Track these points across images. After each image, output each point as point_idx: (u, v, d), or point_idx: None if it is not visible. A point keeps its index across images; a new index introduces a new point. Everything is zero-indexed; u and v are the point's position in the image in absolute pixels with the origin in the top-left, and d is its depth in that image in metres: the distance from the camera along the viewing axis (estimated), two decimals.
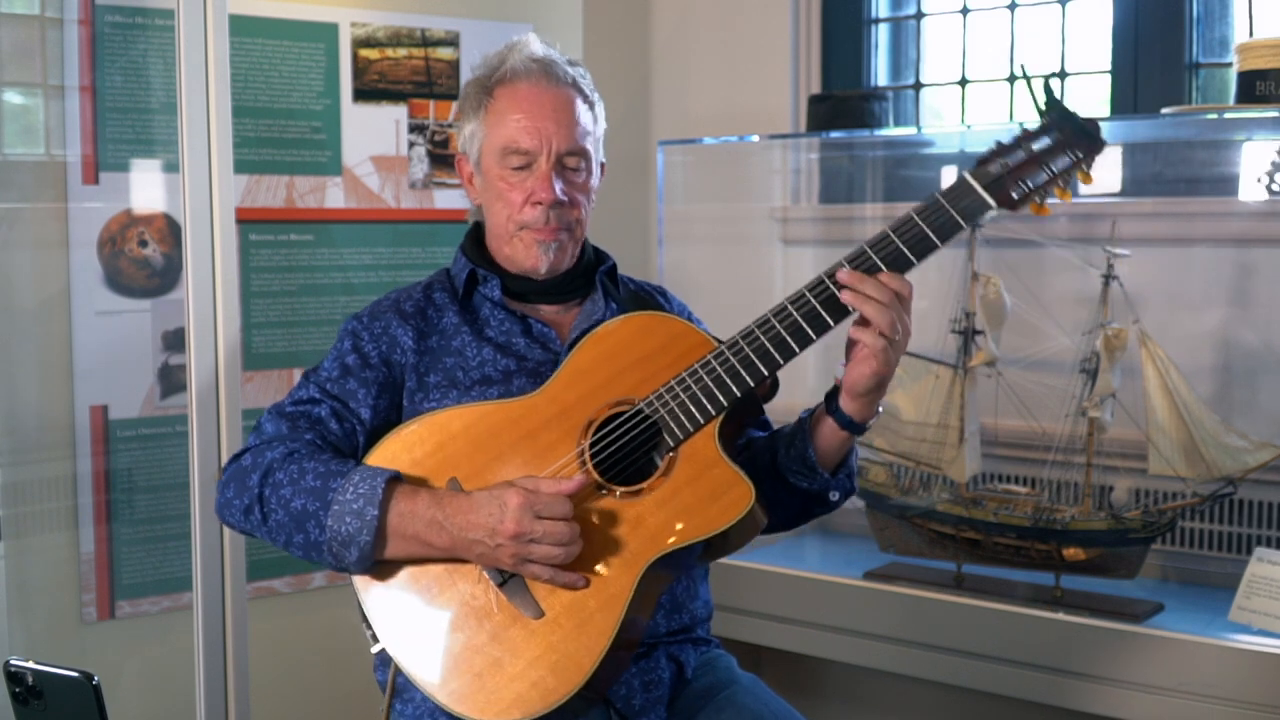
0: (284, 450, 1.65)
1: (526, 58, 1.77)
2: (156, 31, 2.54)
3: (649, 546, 1.58)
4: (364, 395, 1.72)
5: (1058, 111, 1.62)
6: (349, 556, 1.59)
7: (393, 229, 2.84)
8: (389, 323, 1.77)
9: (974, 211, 1.61)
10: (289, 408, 1.73)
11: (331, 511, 1.58)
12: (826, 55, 3.44)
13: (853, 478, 1.78)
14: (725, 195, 3.50)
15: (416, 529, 1.58)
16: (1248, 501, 2.68)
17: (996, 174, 1.61)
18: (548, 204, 1.73)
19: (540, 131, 1.73)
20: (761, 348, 1.62)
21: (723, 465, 1.60)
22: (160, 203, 2.60)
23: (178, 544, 2.57)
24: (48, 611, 2.53)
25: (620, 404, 1.64)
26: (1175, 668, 2.36)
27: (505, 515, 1.52)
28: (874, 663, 2.76)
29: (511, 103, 1.75)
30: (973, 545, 2.75)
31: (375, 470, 1.61)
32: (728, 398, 1.61)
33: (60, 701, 1.46)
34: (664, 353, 1.65)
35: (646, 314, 1.71)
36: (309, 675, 2.74)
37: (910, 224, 1.61)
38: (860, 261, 1.62)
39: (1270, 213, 2.68)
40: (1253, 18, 2.81)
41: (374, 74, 2.80)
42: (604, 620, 1.56)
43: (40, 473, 2.52)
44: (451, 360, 1.75)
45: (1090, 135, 1.60)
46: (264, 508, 1.63)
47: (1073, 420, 2.70)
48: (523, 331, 1.79)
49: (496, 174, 1.76)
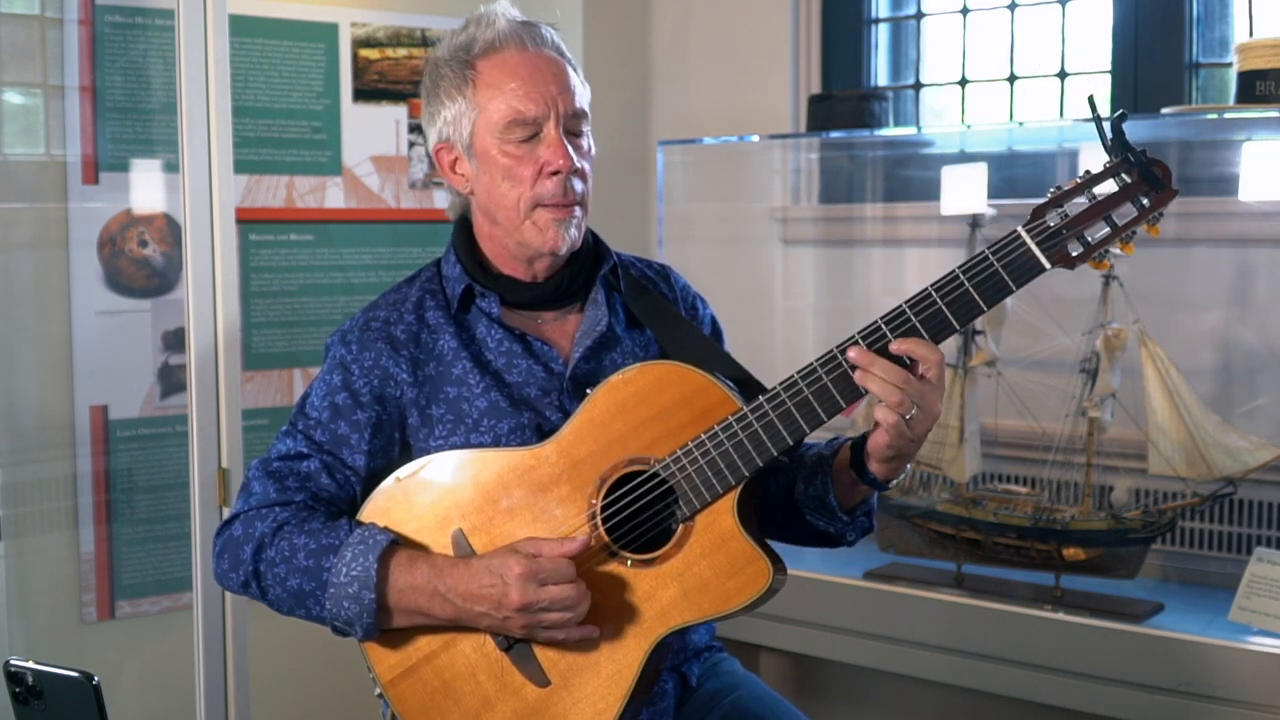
0: (273, 524, 1.59)
1: (505, 25, 1.65)
2: (156, 31, 2.54)
3: (659, 623, 1.53)
4: (356, 440, 1.64)
5: (1126, 152, 1.44)
6: (354, 633, 1.59)
7: (393, 229, 2.84)
8: (379, 354, 1.66)
9: (1025, 272, 1.44)
10: (275, 463, 1.65)
11: (329, 594, 1.55)
12: (826, 55, 3.44)
13: (871, 516, 1.68)
14: (725, 195, 3.50)
15: (418, 602, 1.54)
16: (1248, 501, 2.68)
17: (1054, 228, 1.44)
18: (566, 170, 1.61)
19: (543, 95, 1.61)
20: (787, 414, 1.51)
21: (741, 540, 1.52)
22: (160, 203, 2.60)
23: (178, 544, 2.57)
24: (48, 611, 2.53)
25: (635, 462, 1.56)
26: (1175, 668, 2.36)
27: (509, 587, 1.48)
28: (874, 663, 2.76)
29: (503, 72, 1.62)
30: (973, 545, 2.75)
31: (368, 541, 1.55)
32: (749, 468, 1.51)
33: (60, 701, 1.46)
34: (683, 409, 1.55)
35: (666, 364, 1.58)
36: (309, 675, 2.73)
37: (953, 284, 1.46)
38: (898, 323, 1.48)
39: (1270, 213, 2.68)
40: (1253, 18, 2.81)
41: (374, 74, 2.80)
42: (611, 694, 1.53)
43: (40, 473, 2.52)
44: (454, 391, 1.65)
45: (1160, 182, 1.43)
46: (260, 583, 1.60)
47: (1073, 420, 2.70)
48: (524, 352, 1.68)
49: (499, 151, 1.63)
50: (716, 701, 1.73)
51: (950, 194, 2.85)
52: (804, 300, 3.43)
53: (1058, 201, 1.45)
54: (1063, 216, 1.45)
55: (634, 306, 1.73)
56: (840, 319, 3.34)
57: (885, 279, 3.30)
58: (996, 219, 2.84)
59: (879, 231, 3.32)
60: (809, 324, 3.41)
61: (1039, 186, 3.08)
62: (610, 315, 1.72)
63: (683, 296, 1.83)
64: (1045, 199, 1.46)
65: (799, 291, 3.44)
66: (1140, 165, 1.43)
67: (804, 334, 3.41)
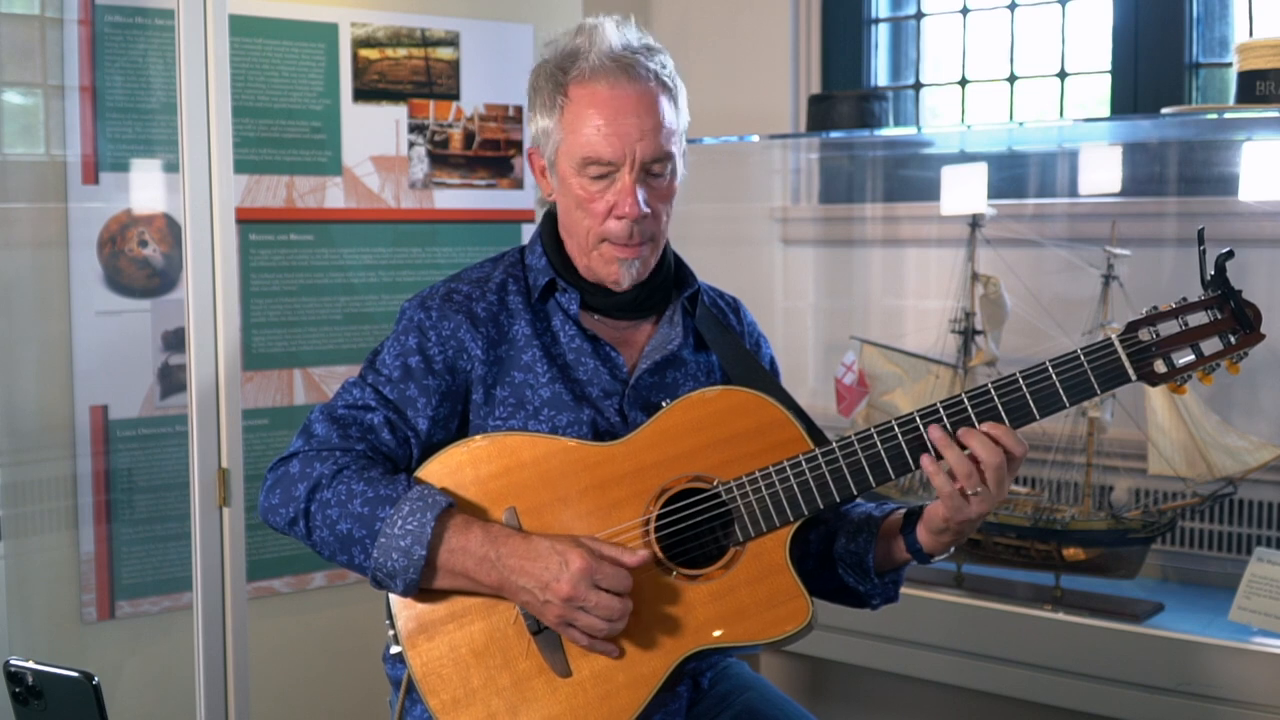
0: (333, 466, 1.59)
1: (605, 53, 1.62)
2: (156, 31, 2.54)
3: (691, 638, 1.54)
4: (423, 404, 1.65)
5: (1223, 288, 1.53)
6: (393, 587, 1.57)
7: (393, 229, 2.84)
8: (458, 326, 1.67)
9: (1112, 379, 1.52)
10: (341, 410, 1.65)
11: (378, 544, 1.54)
12: (826, 55, 3.44)
13: (899, 585, 1.70)
14: (725, 195, 3.50)
15: (466, 565, 1.53)
16: (1248, 501, 2.68)
17: (1145, 344, 1.52)
18: (632, 218, 1.62)
19: (623, 140, 1.60)
20: (857, 464, 1.55)
21: (787, 574, 1.55)
22: (160, 203, 2.60)
23: (178, 544, 2.57)
24: (48, 611, 2.53)
25: (699, 479, 1.59)
26: (1175, 668, 2.36)
27: (564, 575, 1.48)
28: (874, 663, 2.76)
29: (591, 105, 1.61)
30: (973, 545, 2.75)
31: (426, 499, 1.55)
32: (810, 507, 1.56)
33: (60, 701, 1.46)
34: (755, 438, 1.59)
35: (748, 393, 1.62)
36: (309, 675, 2.73)
37: (1042, 375, 1.52)
38: (981, 401, 1.53)
39: (1270, 213, 2.68)
40: (1253, 18, 2.81)
41: (374, 74, 2.80)
42: (630, 698, 1.54)
43: (40, 473, 2.52)
44: (520, 376, 1.66)
45: (1250, 324, 1.52)
46: (309, 523, 1.59)
47: (1073, 420, 2.70)
48: (593, 352, 1.69)
49: (575, 183, 1.64)
50: (728, 703, 1.73)
51: (950, 194, 2.85)
52: (804, 300, 3.43)
53: (1151, 321, 1.53)
54: (1154, 334, 1.53)
55: (705, 332, 1.76)
56: (840, 319, 3.34)
57: (885, 279, 3.30)
58: (996, 219, 2.84)
59: (879, 231, 3.32)
60: (809, 324, 3.41)
61: (1039, 186, 3.09)
62: (682, 337, 1.74)
63: (749, 332, 1.86)
64: (1141, 316, 1.53)
65: (799, 291, 3.44)
66: (1235, 304, 1.52)
67: (804, 334, 3.41)
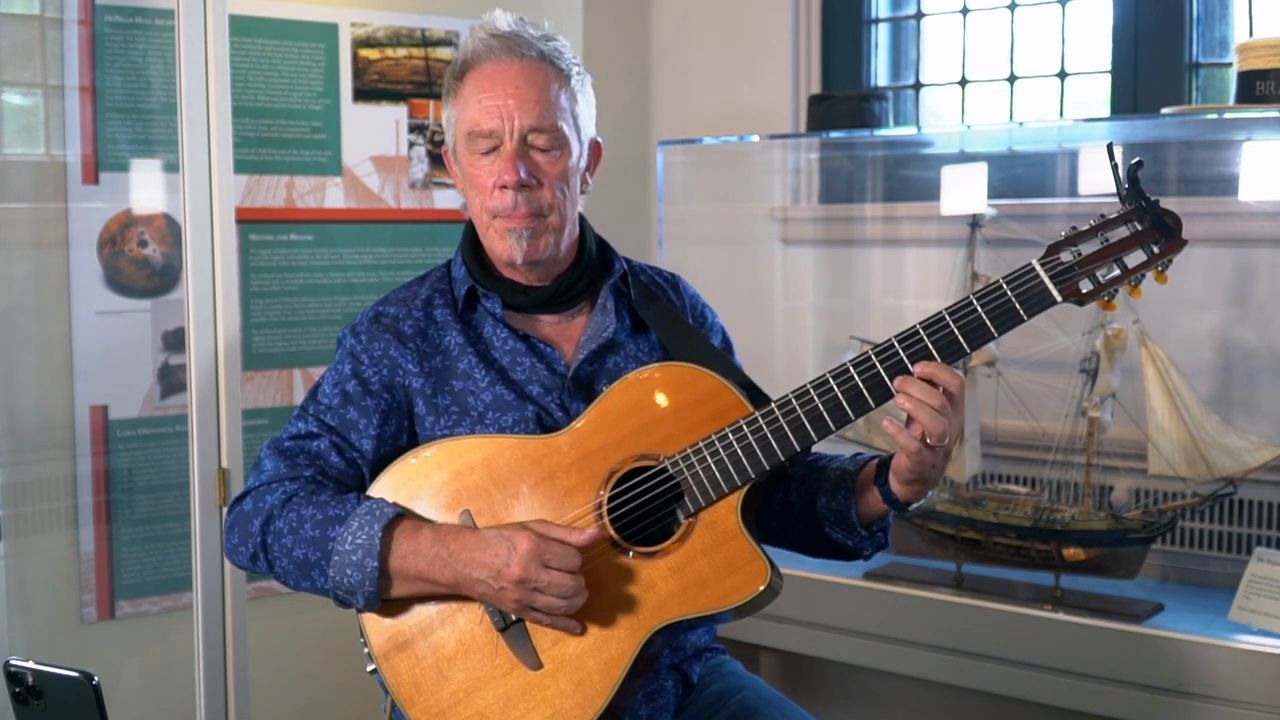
0: (282, 495, 1.62)
1: (488, 35, 1.67)
2: (156, 31, 2.54)
3: (655, 614, 1.55)
4: (365, 425, 1.68)
5: (1140, 200, 1.51)
6: (355, 603, 1.60)
7: (393, 229, 2.84)
8: (388, 345, 1.70)
9: (1037, 303, 1.50)
10: (287, 443, 1.69)
11: (333, 563, 1.57)
12: (826, 55, 3.44)
13: (887, 532, 1.71)
14: (725, 195, 3.50)
15: (420, 567, 1.55)
16: (1248, 501, 2.68)
17: (1066, 264, 1.50)
18: (512, 186, 1.63)
19: (501, 110, 1.64)
20: (797, 421, 1.55)
21: (741, 539, 1.55)
22: (160, 203, 2.60)
23: (178, 544, 2.57)
24: (48, 611, 2.53)
25: (645, 458, 1.59)
26: (1175, 668, 2.36)
27: (513, 559, 1.50)
28: (874, 663, 2.76)
29: (476, 84, 1.66)
30: (973, 545, 2.75)
31: (374, 512, 1.57)
32: (756, 470, 1.55)
33: (60, 701, 1.46)
34: (696, 409, 1.59)
35: (683, 366, 1.62)
36: (309, 675, 2.73)
37: (967, 309, 1.51)
38: (911, 343, 1.52)
39: (1270, 213, 2.68)
40: (1253, 18, 2.81)
41: (374, 74, 2.80)
42: (602, 682, 1.54)
43: (40, 473, 2.52)
44: (460, 384, 1.69)
45: (1171, 230, 1.50)
46: (268, 555, 1.62)
47: (1073, 420, 2.70)
48: (528, 351, 1.72)
49: (467, 161, 1.69)
50: (723, 702, 1.73)
51: (950, 194, 2.85)
52: (804, 300, 3.43)
53: (1072, 241, 1.51)
54: (1076, 254, 1.50)
55: (642, 312, 1.76)
56: (840, 319, 3.34)
57: (885, 279, 3.30)
58: (996, 219, 2.84)
59: (879, 231, 3.32)
60: (809, 324, 3.41)
61: (1039, 186, 3.09)
62: (617, 322, 1.75)
63: (691, 305, 1.86)
64: (1060, 238, 1.51)
65: (799, 291, 3.44)
66: (1153, 213, 1.50)
67: (804, 334, 3.41)
